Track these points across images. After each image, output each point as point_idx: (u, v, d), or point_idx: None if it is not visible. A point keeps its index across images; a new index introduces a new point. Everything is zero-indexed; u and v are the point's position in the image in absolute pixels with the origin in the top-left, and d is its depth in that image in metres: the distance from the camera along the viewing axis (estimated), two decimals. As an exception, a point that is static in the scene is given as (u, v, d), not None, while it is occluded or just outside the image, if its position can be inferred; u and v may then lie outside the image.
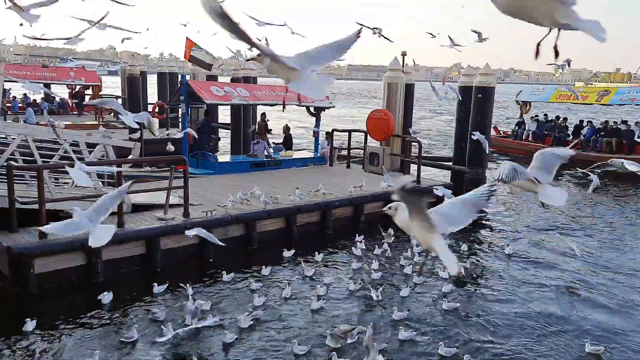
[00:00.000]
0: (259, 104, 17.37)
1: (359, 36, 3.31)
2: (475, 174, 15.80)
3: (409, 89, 17.18)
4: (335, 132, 17.07)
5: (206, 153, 15.72)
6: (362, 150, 16.92)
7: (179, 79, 16.81)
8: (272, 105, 17.40)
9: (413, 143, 15.23)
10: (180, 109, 18.74)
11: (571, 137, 25.28)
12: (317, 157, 17.34)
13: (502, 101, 75.37)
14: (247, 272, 9.74)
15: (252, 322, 7.70)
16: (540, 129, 26.33)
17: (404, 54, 18.63)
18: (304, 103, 16.62)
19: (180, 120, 21.39)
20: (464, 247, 11.40)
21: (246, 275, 9.58)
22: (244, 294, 8.81)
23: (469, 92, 16.24)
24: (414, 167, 14.83)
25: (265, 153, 16.07)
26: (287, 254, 10.58)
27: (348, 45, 3.28)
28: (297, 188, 12.22)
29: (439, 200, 9.28)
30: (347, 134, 17.18)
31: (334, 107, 18.01)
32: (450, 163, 17.58)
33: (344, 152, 18.01)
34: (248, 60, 3.75)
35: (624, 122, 24.48)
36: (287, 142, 18.04)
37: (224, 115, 25.85)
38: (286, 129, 18.38)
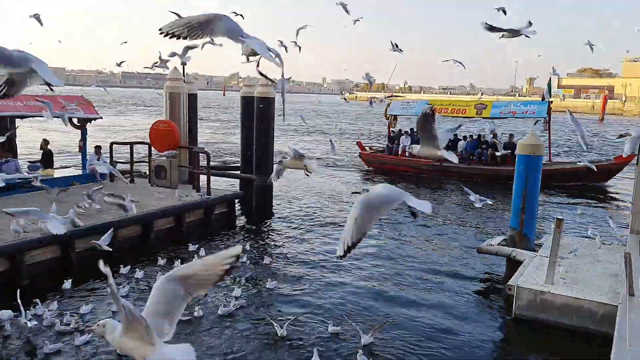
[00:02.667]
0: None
1: None
2: (262, 181, 16.26)
3: (192, 98, 16.85)
4: (114, 145, 15.73)
5: None
6: (147, 163, 15.95)
7: None
8: (21, 117, 15.00)
9: (201, 154, 14.95)
10: None
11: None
12: (85, 174, 15.43)
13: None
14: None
15: None
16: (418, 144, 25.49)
17: (183, 64, 18.19)
18: (62, 112, 14.53)
19: None
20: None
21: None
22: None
23: (250, 101, 16.66)
24: (203, 178, 14.55)
25: (18, 174, 13.60)
26: (67, 284, 9.47)
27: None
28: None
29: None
30: (128, 146, 15.99)
31: (101, 118, 15.99)
32: (239, 172, 17.80)
33: (124, 167, 16.64)
34: None
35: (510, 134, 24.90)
36: (47, 159, 15.70)
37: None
38: (44, 144, 15.90)
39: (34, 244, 9.76)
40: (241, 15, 13.20)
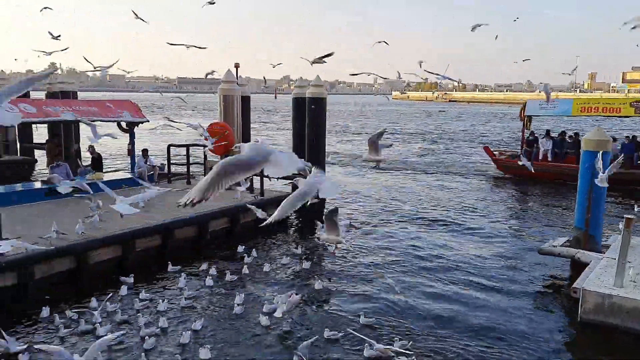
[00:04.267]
0: (46, 121, 14.80)
1: None
2: (314, 182, 16.28)
3: (245, 100, 17.12)
4: (172, 147, 16.18)
5: None
6: (203, 166, 16.30)
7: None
8: (70, 122, 15.50)
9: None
10: None
11: None
12: (135, 177, 15.68)
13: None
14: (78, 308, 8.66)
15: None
16: (560, 148, 22.42)
17: (237, 66, 18.55)
18: (112, 117, 15.06)
19: None
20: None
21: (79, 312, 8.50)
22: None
23: (302, 103, 16.73)
24: (256, 179, 14.71)
25: (70, 178, 14.01)
26: (128, 280, 9.76)
27: None
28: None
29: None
30: (182, 149, 16.41)
31: (148, 121, 16.28)
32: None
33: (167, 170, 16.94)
34: None
35: None
36: (96, 164, 16.09)
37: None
38: (92, 150, 16.16)
39: (96, 244, 10.15)
40: None
